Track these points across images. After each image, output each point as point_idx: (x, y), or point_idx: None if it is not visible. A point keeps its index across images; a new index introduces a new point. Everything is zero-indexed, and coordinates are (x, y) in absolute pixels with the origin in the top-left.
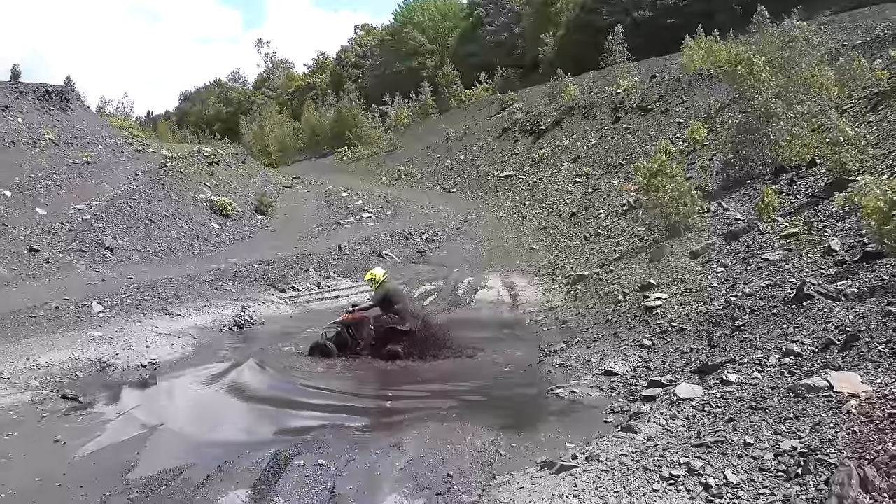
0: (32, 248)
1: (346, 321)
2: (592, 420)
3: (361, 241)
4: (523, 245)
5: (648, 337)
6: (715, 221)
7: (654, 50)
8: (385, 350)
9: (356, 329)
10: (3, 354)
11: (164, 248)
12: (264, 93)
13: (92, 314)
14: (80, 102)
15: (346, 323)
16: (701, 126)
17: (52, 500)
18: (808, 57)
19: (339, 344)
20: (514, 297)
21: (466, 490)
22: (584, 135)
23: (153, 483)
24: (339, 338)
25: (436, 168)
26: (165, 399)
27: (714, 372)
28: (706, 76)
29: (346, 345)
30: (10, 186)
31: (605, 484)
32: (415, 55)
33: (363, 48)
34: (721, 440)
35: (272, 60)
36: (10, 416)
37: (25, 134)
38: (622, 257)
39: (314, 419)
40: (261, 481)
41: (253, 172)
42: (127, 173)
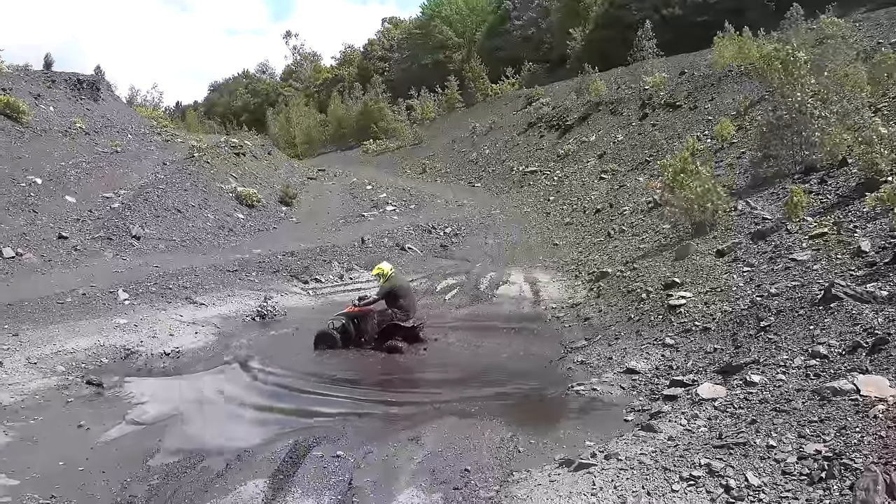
0: (61, 235)
1: (351, 314)
2: (612, 418)
3: (385, 234)
4: (547, 241)
5: (671, 336)
6: (742, 220)
7: (683, 46)
8: (386, 344)
9: (361, 322)
10: (31, 340)
11: (190, 238)
12: (291, 85)
13: (118, 301)
14: (110, 92)
15: (352, 315)
16: (730, 123)
17: (75, 484)
18: (841, 54)
19: (343, 336)
20: (537, 293)
21: (484, 485)
22: (610, 131)
23: (173, 470)
24: (343, 330)
25: (460, 162)
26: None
27: (738, 372)
28: (736, 73)
29: (351, 337)
30: (41, 174)
31: (624, 483)
32: (442, 49)
33: (390, 41)
34: (743, 442)
35: (300, 52)
36: (36, 400)
37: (57, 122)
38: (646, 255)
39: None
40: (279, 471)
41: (279, 164)
42: (155, 163)
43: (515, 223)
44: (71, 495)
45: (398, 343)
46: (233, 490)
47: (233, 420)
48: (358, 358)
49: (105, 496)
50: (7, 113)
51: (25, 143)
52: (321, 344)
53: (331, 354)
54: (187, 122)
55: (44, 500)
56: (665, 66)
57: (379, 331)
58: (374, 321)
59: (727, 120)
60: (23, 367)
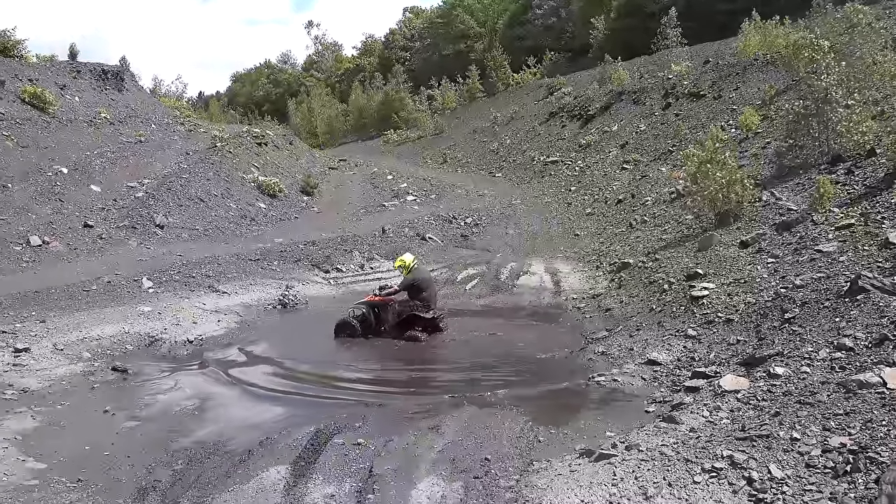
0: (87, 223)
1: (372, 302)
2: (633, 409)
3: (405, 223)
4: (568, 231)
5: (693, 327)
6: (766, 211)
7: (707, 34)
8: (406, 334)
9: (381, 311)
10: (58, 326)
11: (213, 227)
12: (313, 75)
13: (142, 289)
14: (134, 82)
15: (373, 304)
16: (755, 113)
17: (101, 468)
18: (870, 42)
19: (363, 324)
20: (557, 284)
21: (504, 475)
22: (632, 120)
23: (197, 455)
24: (363, 318)
25: (481, 152)
26: (212, 374)
27: (761, 364)
28: (762, 62)
29: (370, 326)
30: (67, 163)
31: (645, 474)
32: (463, 38)
33: (412, 31)
34: (766, 434)
35: (321, 42)
36: (62, 386)
37: (82, 112)
38: (669, 246)
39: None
40: (301, 458)
41: (300, 154)
42: (178, 153)
43: (536, 213)
44: (97, 479)
45: (417, 333)
46: (255, 476)
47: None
48: (379, 347)
49: (130, 480)
50: (34, 103)
51: (52, 133)
52: (341, 332)
53: (352, 343)
54: (210, 112)
55: (71, 484)
56: (689, 55)
57: (399, 321)
58: (394, 311)
59: (752, 109)
60: (50, 353)
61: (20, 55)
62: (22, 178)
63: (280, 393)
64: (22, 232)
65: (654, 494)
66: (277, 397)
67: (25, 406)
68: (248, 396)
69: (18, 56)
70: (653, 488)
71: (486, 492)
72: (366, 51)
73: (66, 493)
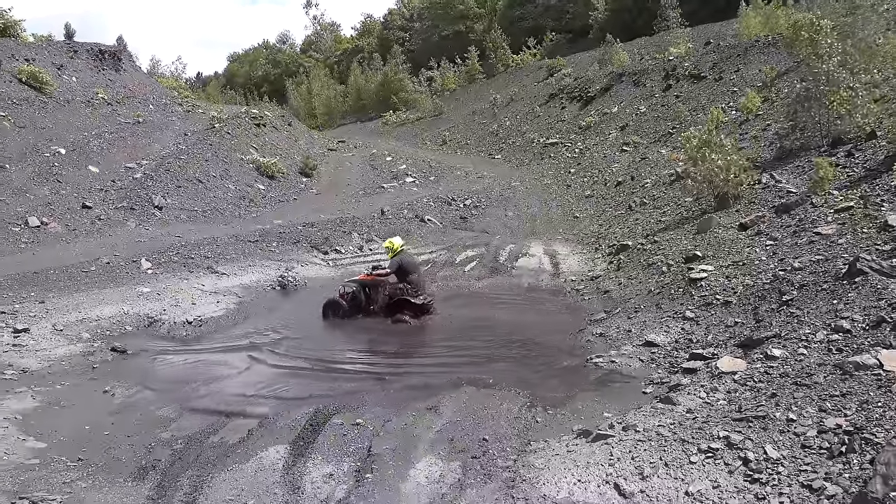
0: (85, 204)
1: (364, 281)
2: (631, 390)
3: (404, 205)
4: (567, 213)
5: (692, 309)
6: (766, 193)
7: (708, 16)
8: (394, 317)
9: (372, 290)
10: (57, 307)
11: (211, 208)
12: (311, 55)
13: (141, 270)
14: (131, 62)
15: (364, 283)
16: (756, 95)
17: (101, 447)
18: (872, 24)
19: (353, 303)
20: (556, 266)
21: (502, 454)
22: (633, 102)
23: (196, 435)
24: (354, 297)
25: (481, 134)
26: (207, 356)
27: (758, 346)
28: (763, 43)
29: (360, 305)
30: (65, 144)
31: (642, 454)
32: (462, 19)
33: (411, 11)
34: (763, 415)
35: (320, 23)
36: (62, 366)
37: (80, 93)
38: (667, 228)
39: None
40: (300, 438)
41: (299, 135)
42: (176, 133)
43: (535, 195)
44: (97, 458)
45: (405, 317)
46: (254, 455)
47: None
48: (375, 328)
49: (130, 459)
50: (31, 83)
51: (49, 114)
52: (329, 311)
53: (346, 324)
54: (208, 92)
55: (71, 463)
56: (690, 37)
57: (389, 303)
58: (384, 291)
59: (753, 91)
60: (49, 333)
61: (16, 35)
62: (20, 158)
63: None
64: (20, 213)
65: (650, 474)
66: (277, 376)
67: (25, 386)
68: (247, 376)
69: (15, 36)
70: (649, 468)
71: (484, 471)
72: (364, 31)
73: (67, 472)
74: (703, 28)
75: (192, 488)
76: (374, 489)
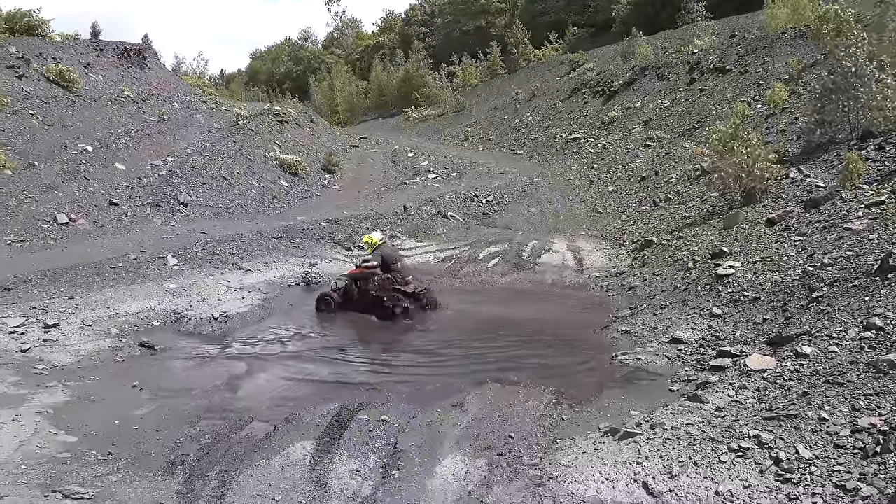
0: (112, 201)
1: (354, 275)
2: (657, 388)
3: (427, 201)
4: (590, 209)
5: (719, 306)
6: (794, 188)
7: (733, 8)
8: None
9: (363, 283)
10: (86, 303)
11: (236, 205)
12: (333, 52)
13: (167, 267)
14: (156, 60)
15: (355, 277)
16: (782, 88)
17: (130, 441)
18: None
19: (345, 297)
20: (580, 262)
21: (528, 452)
22: (656, 96)
23: (224, 430)
24: (346, 291)
25: (503, 129)
26: (236, 350)
27: (788, 344)
28: (790, 35)
29: (352, 298)
30: (92, 141)
31: (670, 453)
32: (484, 14)
33: (432, 6)
34: (794, 414)
35: (341, 19)
36: (91, 361)
37: (106, 91)
38: (693, 223)
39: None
40: (326, 434)
41: (321, 132)
42: (201, 130)
43: (558, 191)
44: (127, 452)
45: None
46: (281, 451)
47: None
48: (398, 325)
49: (159, 454)
50: (58, 82)
51: (76, 112)
52: (322, 305)
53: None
54: (231, 89)
55: (102, 457)
56: (714, 29)
57: (380, 293)
58: (374, 283)
59: (780, 85)
60: (78, 329)
61: (44, 34)
62: (48, 156)
63: (305, 367)
64: (49, 210)
65: (679, 473)
66: (302, 372)
67: (56, 380)
68: (273, 373)
69: (43, 35)
70: (678, 467)
71: (510, 469)
72: (386, 27)
73: (97, 466)
74: (727, 20)
75: (220, 483)
76: (400, 486)
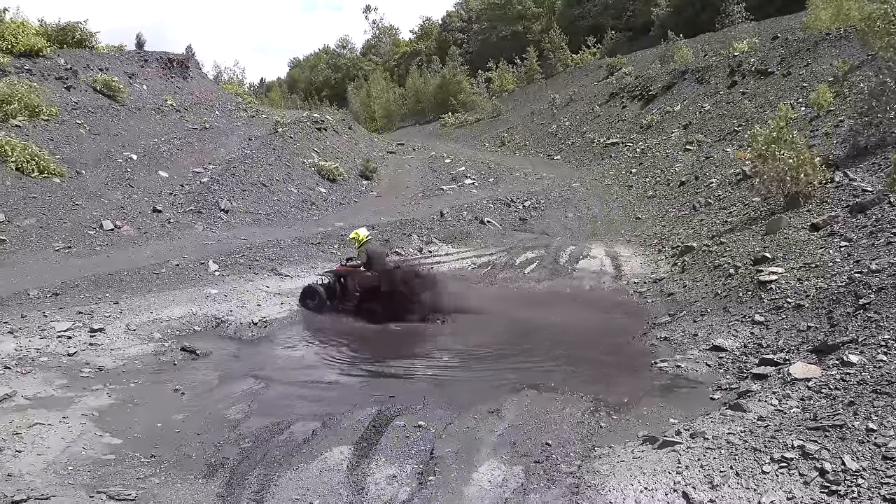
0: (156, 208)
1: (339, 271)
2: (698, 396)
3: (463, 207)
4: (629, 214)
5: (761, 313)
6: (839, 192)
7: (775, 9)
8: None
9: (347, 280)
10: (130, 308)
11: (275, 211)
12: (371, 59)
13: (208, 272)
14: (198, 70)
15: (340, 273)
16: (827, 90)
17: (172, 444)
18: None
19: (329, 292)
20: (618, 268)
21: (565, 460)
22: (696, 100)
23: (263, 434)
24: (329, 286)
25: (539, 135)
26: (275, 355)
27: (834, 352)
28: (834, 36)
29: (336, 294)
30: (137, 150)
31: (711, 462)
32: (521, 19)
33: (469, 13)
34: (840, 424)
35: (379, 27)
36: (135, 365)
37: (150, 100)
38: (734, 229)
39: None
40: (363, 439)
41: (359, 138)
42: (241, 138)
43: (596, 196)
44: (169, 455)
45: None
46: (319, 456)
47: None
48: (435, 330)
49: (200, 457)
50: (105, 92)
51: (122, 121)
52: (306, 299)
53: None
54: (271, 98)
55: (145, 459)
56: (756, 31)
57: (362, 291)
58: (357, 281)
59: (824, 86)
60: (123, 333)
61: (92, 46)
62: (94, 164)
63: (343, 372)
64: (95, 217)
65: (720, 483)
66: (339, 377)
67: (101, 384)
68: (311, 377)
69: (90, 46)
70: (719, 477)
71: (548, 476)
72: (423, 34)
73: (141, 468)
74: (769, 22)
75: (259, 486)
76: (436, 492)
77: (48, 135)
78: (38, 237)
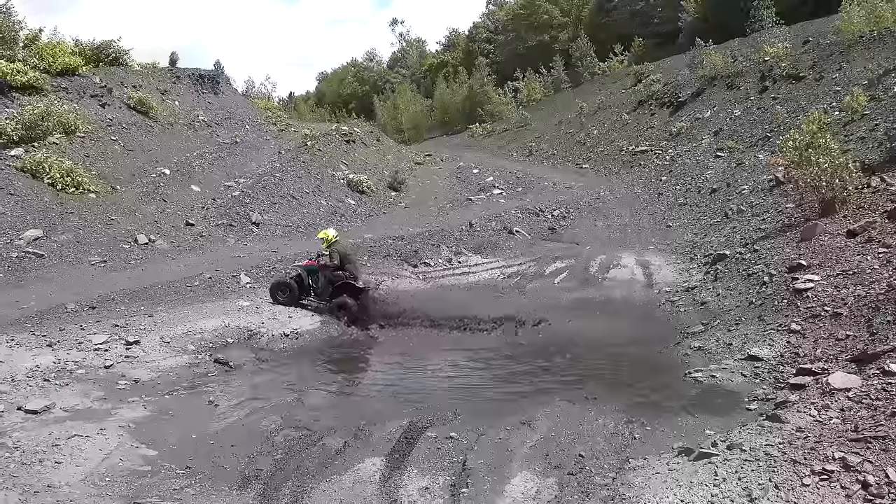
0: (188, 222)
1: (308, 267)
2: (733, 407)
3: (492, 217)
4: (659, 222)
5: (797, 321)
6: (877, 197)
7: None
8: (335, 301)
9: (316, 275)
10: (164, 320)
11: (305, 224)
12: (398, 71)
13: (240, 285)
14: (228, 85)
15: (308, 269)
16: (861, 94)
17: (207, 456)
18: None
19: (298, 286)
20: (649, 276)
21: (599, 472)
22: (726, 106)
23: (296, 446)
24: (300, 280)
25: (567, 144)
26: (307, 367)
27: (874, 361)
28: (868, 39)
29: (305, 288)
30: (170, 165)
31: (749, 475)
32: (547, 28)
33: (495, 23)
34: (883, 435)
35: (405, 39)
36: (169, 377)
37: (182, 116)
38: (768, 236)
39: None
40: (395, 450)
41: (387, 150)
42: (271, 152)
43: (625, 205)
44: (204, 466)
45: (347, 300)
46: (351, 467)
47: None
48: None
49: (234, 468)
50: (138, 108)
51: (155, 137)
52: (276, 292)
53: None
54: (300, 111)
55: (180, 471)
56: (787, 36)
57: (332, 287)
58: (326, 277)
59: (859, 90)
60: (157, 345)
61: (125, 63)
62: (129, 180)
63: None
64: (130, 231)
65: (759, 496)
66: (370, 388)
67: (137, 396)
68: (342, 388)
69: (124, 64)
70: (758, 490)
71: (581, 488)
72: (450, 45)
73: (176, 479)
74: (800, 26)
75: (292, 498)
76: None
77: (84, 151)
78: (75, 252)
